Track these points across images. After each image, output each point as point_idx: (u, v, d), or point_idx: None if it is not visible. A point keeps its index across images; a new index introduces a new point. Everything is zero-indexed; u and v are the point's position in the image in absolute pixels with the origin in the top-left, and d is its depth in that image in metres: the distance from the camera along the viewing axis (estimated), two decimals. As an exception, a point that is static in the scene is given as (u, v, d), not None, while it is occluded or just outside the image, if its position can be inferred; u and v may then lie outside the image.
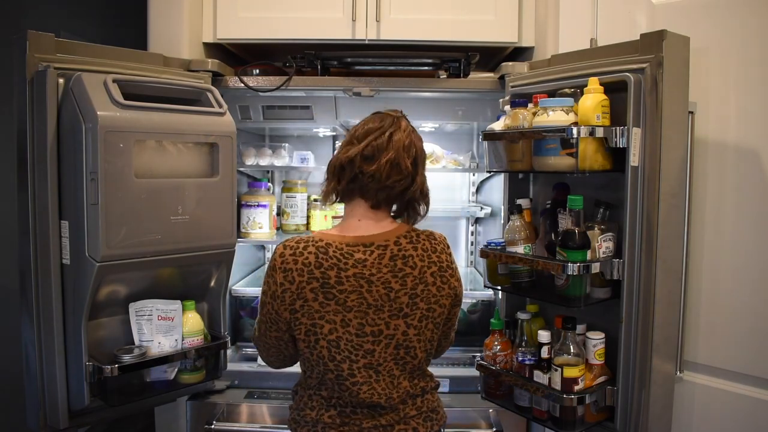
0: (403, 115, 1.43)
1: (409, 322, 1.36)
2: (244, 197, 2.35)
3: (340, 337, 1.33)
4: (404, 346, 1.36)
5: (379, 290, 1.34)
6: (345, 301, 1.33)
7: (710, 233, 1.83)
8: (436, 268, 1.39)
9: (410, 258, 1.37)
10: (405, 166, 1.35)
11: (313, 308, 1.33)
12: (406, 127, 1.39)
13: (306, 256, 1.34)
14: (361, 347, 1.34)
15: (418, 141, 1.41)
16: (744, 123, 1.76)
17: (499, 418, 2.02)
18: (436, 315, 1.39)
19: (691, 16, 1.81)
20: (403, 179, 1.36)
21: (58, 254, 1.64)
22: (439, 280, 1.39)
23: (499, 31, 2.16)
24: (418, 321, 1.37)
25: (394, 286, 1.34)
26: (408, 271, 1.36)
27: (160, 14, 2.12)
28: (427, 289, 1.37)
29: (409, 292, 1.35)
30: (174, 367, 1.84)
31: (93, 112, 1.56)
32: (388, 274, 1.35)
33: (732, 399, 1.79)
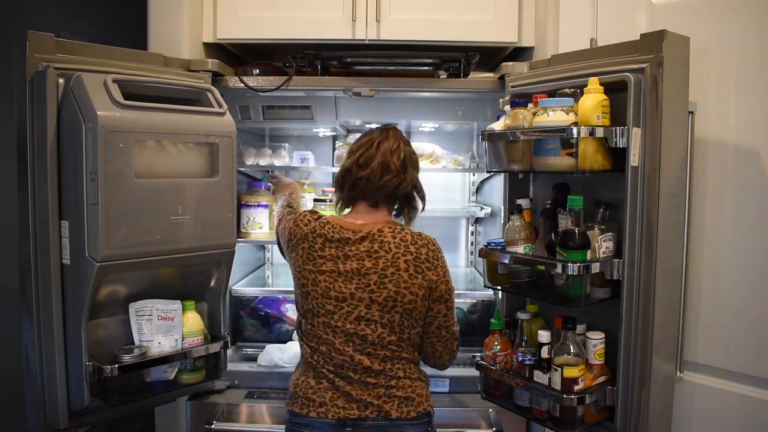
0: (392, 127, 1.64)
1: (373, 298, 1.50)
2: (244, 197, 2.35)
3: (308, 292, 1.55)
4: (365, 320, 1.51)
5: (352, 264, 1.52)
6: (321, 265, 1.53)
7: (710, 233, 1.83)
8: (412, 257, 1.52)
9: (387, 243, 1.53)
10: (394, 166, 1.56)
11: (299, 261, 1.56)
12: (393, 135, 1.60)
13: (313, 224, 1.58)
14: (323, 306, 1.53)
15: (406, 146, 1.62)
16: (744, 123, 1.76)
17: (499, 418, 2.02)
18: (406, 301, 1.51)
19: (691, 16, 1.81)
20: (394, 177, 1.56)
21: (58, 254, 1.64)
22: (413, 268, 1.52)
23: (499, 31, 2.16)
24: (384, 300, 1.50)
25: (366, 263, 1.51)
26: (382, 253, 1.52)
27: (160, 14, 2.12)
28: (398, 273, 1.51)
29: (380, 272, 1.51)
30: (174, 367, 1.84)
31: (93, 112, 1.56)
32: (364, 252, 1.52)
33: (732, 399, 1.79)
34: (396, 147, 1.57)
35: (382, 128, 1.63)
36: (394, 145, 1.58)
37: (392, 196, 1.59)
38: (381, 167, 1.55)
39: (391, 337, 1.52)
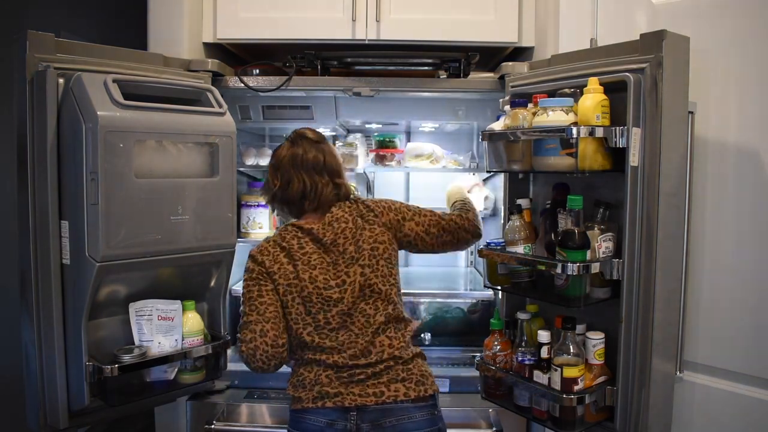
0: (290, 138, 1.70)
1: (362, 263, 1.59)
2: (244, 197, 2.35)
3: (311, 292, 1.56)
4: (367, 285, 1.59)
5: (330, 249, 1.59)
6: (309, 260, 1.58)
7: (710, 233, 1.83)
8: (362, 212, 1.65)
9: (341, 217, 1.62)
10: (278, 185, 1.64)
11: (288, 270, 1.57)
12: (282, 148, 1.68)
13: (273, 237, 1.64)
14: (332, 297, 1.57)
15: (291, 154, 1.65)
16: (744, 123, 1.76)
17: (499, 418, 2.02)
18: (381, 251, 1.62)
19: (691, 16, 1.81)
20: (277, 196, 1.65)
21: (58, 254, 1.64)
22: (367, 224, 1.63)
23: (499, 31, 2.16)
24: (368, 260, 1.60)
25: (339, 241, 1.60)
26: (344, 225, 1.61)
27: (160, 14, 2.12)
28: (363, 233, 1.62)
29: (351, 241, 1.60)
30: (174, 367, 1.84)
31: (93, 112, 1.56)
32: (330, 234, 1.60)
33: (732, 399, 1.79)
34: (280, 161, 1.65)
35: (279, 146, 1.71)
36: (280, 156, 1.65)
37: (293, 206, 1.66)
38: (267, 190, 1.68)
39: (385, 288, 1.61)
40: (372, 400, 1.52)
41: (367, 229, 1.62)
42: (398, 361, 1.57)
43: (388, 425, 1.52)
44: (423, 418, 1.56)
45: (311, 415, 1.55)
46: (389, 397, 1.53)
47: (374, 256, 1.61)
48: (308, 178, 1.63)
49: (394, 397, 1.53)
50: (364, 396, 1.53)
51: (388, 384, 1.55)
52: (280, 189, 1.64)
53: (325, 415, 1.54)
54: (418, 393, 1.55)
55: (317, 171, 1.64)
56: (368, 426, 1.52)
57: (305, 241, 1.60)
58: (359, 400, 1.52)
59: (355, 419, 1.52)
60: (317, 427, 1.54)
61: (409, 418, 1.54)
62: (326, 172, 1.65)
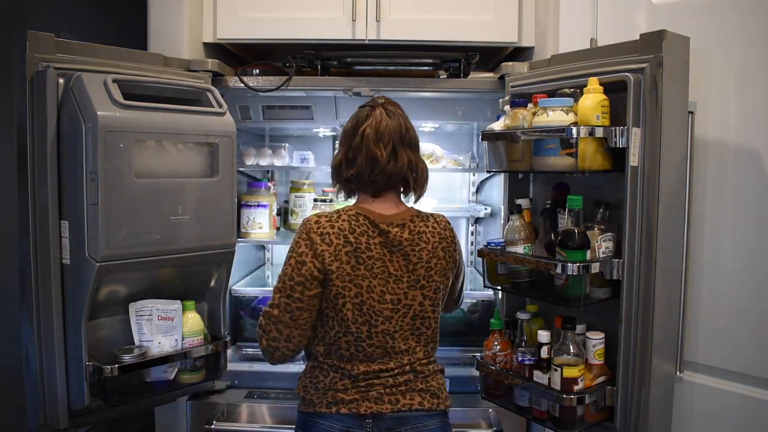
0: (380, 104, 1.50)
1: (425, 294, 1.49)
2: (244, 197, 2.35)
3: (363, 301, 1.44)
4: (420, 317, 1.49)
5: (399, 261, 1.46)
6: (372, 267, 1.44)
7: (710, 233, 1.83)
8: (446, 243, 1.53)
9: (424, 234, 1.50)
10: (381, 157, 1.45)
11: (345, 271, 1.42)
12: (380, 115, 1.47)
13: (341, 223, 1.45)
14: (381, 314, 1.45)
15: (395, 125, 1.47)
16: (744, 123, 1.76)
17: (499, 418, 2.02)
18: (444, 287, 1.54)
19: (691, 16, 1.81)
20: (382, 170, 1.46)
21: (58, 254, 1.64)
22: (448, 254, 1.53)
23: (499, 31, 2.16)
24: (433, 293, 1.50)
25: (412, 259, 1.47)
26: (423, 245, 1.49)
27: (160, 14, 2.12)
28: (440, 263, 1.51)
29: (425, 265, 1.48)
30: (174, 367, 1.84)
31: (93, 112, 1.56)
32: (408, 247, 1.47)
33: (732, 399, 1.79)
34: (381, 132, 1.45)
35: (369, 105, 1.51)
36: (381, 128, 1.45)
37: (390, 184, 1.49)
38: (368, 162, 1.45)
39: (436, 324, 1.54)
40: (388, 408, 1.46)
41: (443, 259, 1.51)
42: (418, 375, 1.51)
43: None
44: (437, 426, 1.51)
45: (325, 420, 1.47)
46: (404, 405, 1.47)
47: (440, 290, 1.51)
48: (413, 155, 1.50)
49: (409, 405, 1.47)
50: (380, 403, 1.46)
51: (404, 393, 1.48)
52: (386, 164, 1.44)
53: (339, 420, 1.46)
54: (432, 405, 1.50)
55: (418, 151, 1.52)
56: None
57: (375, 242, 1.44)
58: (375, 408, 1.45)
59: (370, 427, 1.46)
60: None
61: (425, 426, 1.49)
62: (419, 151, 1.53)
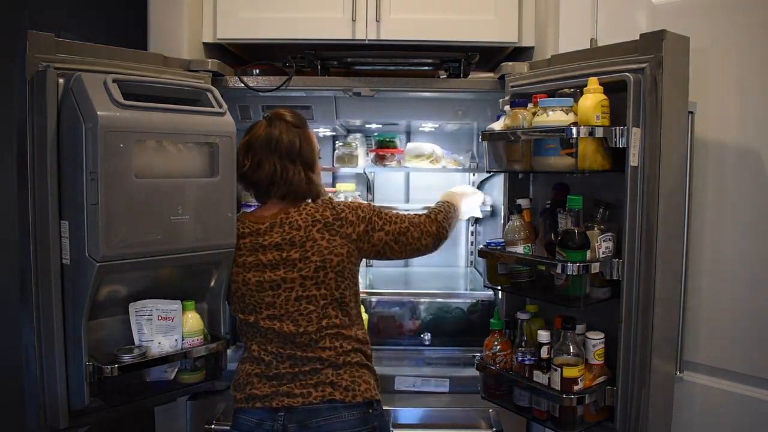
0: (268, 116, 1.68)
1: (304, 275, 1.56)
2: (244, 197, 2.35)
3: (244, 293, 1.61)
4: (307, 297, 1.57)
5: (272, 252, 1.58)
6: (243, 263, 1.60)
7: (710, 233, 1.83)
8: (321, 224, 1.58)
9: (295, 222, 1.58)
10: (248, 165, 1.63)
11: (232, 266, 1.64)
12: (260, 126, 1.67)
13: None
14: (263, 300, 1.58)
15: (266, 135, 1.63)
16: (744, 123, 1.76)
17: (499, 418, 2.02)
18: (335, 264, 1.57)
19: (691, 16, 1.81)
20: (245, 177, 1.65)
21: (58, 254, 1.64)
22: (328, 233, 1.57)
23: (499, 31, 2.16)
24: (314, 272, 1.56)
25: (285, 247, 1.57)
26: (294, 233, 1.57)
27: (160, 14, 2.12)
28: (317, 244, 1.56)
29: (299, 250, 1.56)
30: (174, 367, 1.84)
31: (93, 112, 1.56)
32: (278, 237, 1.58)
33: (732, 399, 1.79)
34: (255, 138, 1.63)
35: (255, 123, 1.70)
36: (255, 135, 1.64)
37: (261, 191, 1.65)
38: (238, 170, 1.64)
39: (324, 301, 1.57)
40: (299, 401, 1.53)
41: (326, 239, 1.57)
42: (326, 365, 1.56)
43: (314, 425, 1.52)
44: (354, 417, 1.54)
45: (243, 415, 1.60)
46: (316, 398, 1.53)
47: (323, 268, 1.57)
48: (279, 163, 1.60)
49: (321, 397, 1.53)
50: (292, 397, 1.54)
51: (316, 386, 1.55)
52: (250, 170, 1.63)
53: (254, 414, 1.58)
54: (345, 397, 1.54)
55: (290, 158, 1.61)
56: (295, 426, 1.53)
57: (245, 242, 1.62)
58: (286, 401, 1.54)
59: (282, 420, 1.54)
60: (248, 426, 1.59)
61: (338, 418, 1.53)
62: (300, 161, 1.62)
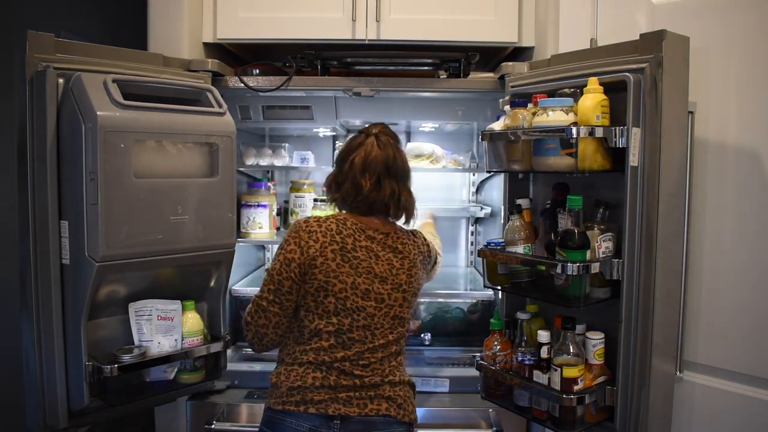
0: (373, 133, 1.60)
1: (405, 297, 1.58)
2: (244, 197, 2.35)
3: (347, 296, 1.51)
4: (399, 317, 1.58)
5: (384, 265, 1.56)
6: (357, 266, 1.53)
7: (710, 233, 1.83)
8: (423, 257, 1.67)
9: (407, 245, 1.62)
10: (365, 186, 1.55)
11: (330, 267, 1.51)
12: (370, 145, 1.57)
13: (328, 224, 1.55)
14: (364, 309, 1.52)
15: (383, 156, 1.56)
16: (744, 123, 1.76)
17: (499, 418, 2.02)
18: (418, 293, 1.66)
19: (691, 16, 1.81)
20: (365, 197, 1.55)
21: (58, 254, 1.64)
22: (424, 266, 1.68)
23: (499, 31, 2.16)
24: (411, 296, 1.61)
25: (395, 264, 1.57)
26: (405, 254, 1.60)
27: (160, 14, 2.12)
28: (418, 273, 1.62)
29: (407, 272, 1.59)
30: (174, 367, 1.84)
31: (93, 112, 1.56)
32: (390, 254, 1.58)
33: (732, 399, 1.79)
34: (371, 159, 1.55)
35: (365, 132, 1.61)
36: (371, 156, 1.56)
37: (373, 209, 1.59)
38: (354, 189, 1.56)
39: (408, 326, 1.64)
40: (355, 411, 1.50)
41: (421, 270, 1.65)
42: (385, 381, 1.55)
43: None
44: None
45: (292, 418, 1.50)
46: (372, 410, 1.51)
47: (415, 294, 1.62)
48: (397, 185, 1.59)
49: (377, 410, 1.52)
50: (348, 406, 1.50)
51: (372, 399, 1.53)
52: (370, 191, 1.55)
53: (307, 420, 1.49)
54: (397, 414, 1.54)
55: (404, 180, 1.61)
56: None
57: (361, 245, 1.54)
58: (343, 410, 1.49)
59: (337, 428, 1.49)
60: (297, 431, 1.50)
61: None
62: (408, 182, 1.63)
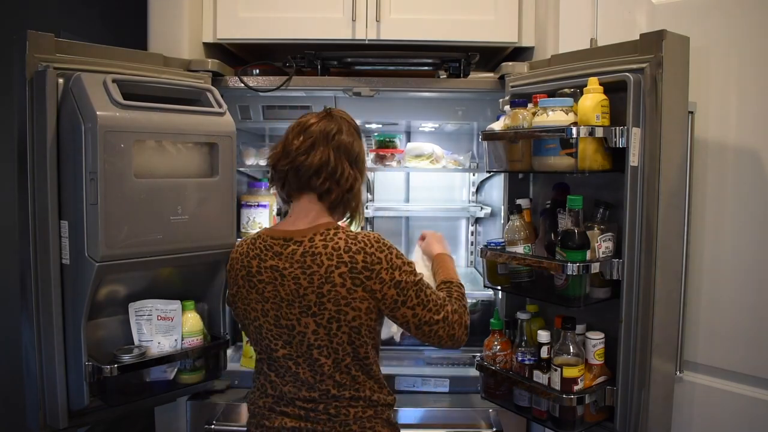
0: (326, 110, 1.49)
1: (318, 321, 1.36)
2: (244, 197, 2.35)
3: (261, 325, 1.43)
4: (316, 347, 1.37)
5: (290, 285, 1.37)
6: (263, 291, 1.41)
7: (710, 233, 1.83)
8: (347, 268, 1.33)
9: (318, 256, 1.35)
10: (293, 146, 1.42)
11: (242, 294, 1.46)
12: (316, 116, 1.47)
13: (242, 245, 1.50)
14: (280, 338, 1.41)
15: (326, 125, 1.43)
16: (744, 123, 1.76)
17: (499, 418, 2.02)
18: (350, 318, 1.35)
19: (691, 16, 1.81)
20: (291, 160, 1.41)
21: (58, 254, 1.64)
22: (350, 281, 1.33)
23: (499, 31, 2.16)
24: (327, 322, 1.35)
25: (303, 283, 1.35)
26: (315, 269, 1.34)
27: (160, 14, 2.12)
28: (335, 290, 1.33)
29: (316, 291, 1.34)
30: (173, 367, 1.84)
31: (92, 112, 1.56)
32: (298, 269, 1.36)
33: (732, 399, 1.79)
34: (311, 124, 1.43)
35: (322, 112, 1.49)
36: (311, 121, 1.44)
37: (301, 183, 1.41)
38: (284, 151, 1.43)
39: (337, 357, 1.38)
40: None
41: (346, 288, 1.33)
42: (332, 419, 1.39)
43: None
44: None
45: None
46: None
47: (336, 320, 1.35)
48: (335, 154, 1.40)
49: None
50: None
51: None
52: (298, 151, 1.39)
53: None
54: None
55: (348, 157, 1.42)
56: None
57: (266, 266, 1.40)
58: None
59: None
60: None
61: None
62: (356, 166, 1.44)
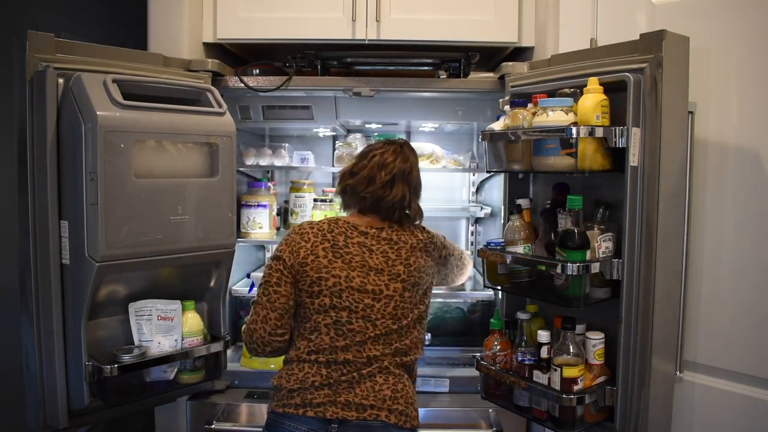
0: (398, 142, 1.67)
1: (405, 286, 1.57)
2: (244, 197, 2.35)
3: (342, 290, 1.53)
4: (401, 307, 1.57)
5: (378, 258, 1.57)
6: (350, 261, 1.55)
7: (710, 233, 1.83)
8: (423, 245, 1.64)
9: (402, 235, 1.61)
10: (378, 180, 1.59)
11: (321, 263, 1.54)
12: (393, 151, 1.63)
13: (320, 225, 1.61)
14: (362, 301, 1.54)
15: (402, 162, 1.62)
16: (744, 123, 1.76)
17: (499, 418, 2.02)
18: (425, 283, 1.62)
19: (691, 16, 1.81)
20: (373, 190, 1.59)
21: (58, 254, 1.64)
22: (427, 255, 1.64)
23: (499, 31, 2.16)
24: (412, 287, 1.58)
25: (391, 256, 1.58)
26: (401, 244, 1.60)
27: (160, 14, 2.12)
28: (418, 261, 1.60)
29: (404, 262, 1.58)
30: (174, 367, 1.84)
31: (92, 112, 1.56)
32: (386, 246, 1.59)
33: (732, 399, 1.79)
34: (387, 162, 1.60)
35: (390, 141, 1.67)
36: (387, 160, 1.61)
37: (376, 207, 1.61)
38: (367, 179, 1.60)
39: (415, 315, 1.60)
40: (354, 415, 1.49)
41: (422, 258, 1.62)
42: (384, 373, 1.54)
43: None
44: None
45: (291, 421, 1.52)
46: (371, 415, 1.49)
47: (419, 285, 1.60)
48: (409, 191, 1.62)
49: (376, 415, 1.49)
50: (347, 410, 1.49)
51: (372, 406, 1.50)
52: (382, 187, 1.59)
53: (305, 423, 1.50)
54: (398, 421, 1.51)
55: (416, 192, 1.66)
56: None
57: (353, 241, 1.57)
58: (341, 414, 1.49)
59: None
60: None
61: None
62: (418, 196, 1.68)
